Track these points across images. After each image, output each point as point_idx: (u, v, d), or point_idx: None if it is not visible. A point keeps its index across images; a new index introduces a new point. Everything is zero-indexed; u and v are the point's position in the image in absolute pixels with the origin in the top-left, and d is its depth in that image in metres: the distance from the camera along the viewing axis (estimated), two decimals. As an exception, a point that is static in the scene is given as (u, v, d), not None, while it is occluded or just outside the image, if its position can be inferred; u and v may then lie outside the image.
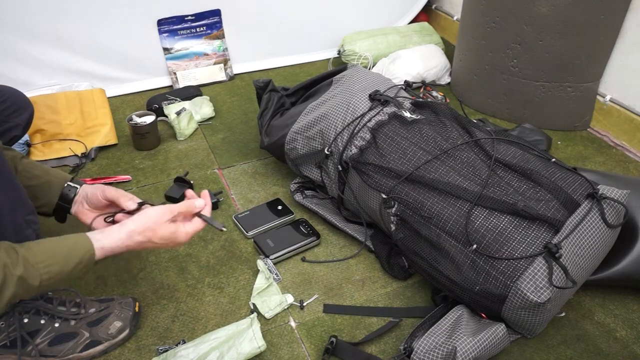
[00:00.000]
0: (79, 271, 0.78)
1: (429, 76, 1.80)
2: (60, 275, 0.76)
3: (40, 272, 0.73)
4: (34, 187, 0.94)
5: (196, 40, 1.87)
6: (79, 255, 0.78)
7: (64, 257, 0.77)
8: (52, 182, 0.96)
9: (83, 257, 0.78)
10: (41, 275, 0.74)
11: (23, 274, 0.71)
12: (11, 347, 0.87)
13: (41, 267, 0.74)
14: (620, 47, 1.52)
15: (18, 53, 1.64)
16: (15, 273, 0.71)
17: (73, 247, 0.79)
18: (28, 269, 0.72)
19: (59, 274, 0.76)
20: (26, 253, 0.73)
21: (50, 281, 0.75)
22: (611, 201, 0.93)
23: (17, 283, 0.71)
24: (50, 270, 0.74)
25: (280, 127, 1.28)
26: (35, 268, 0.73)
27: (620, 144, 1.57)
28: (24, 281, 0.72)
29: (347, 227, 1.21)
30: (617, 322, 1.02)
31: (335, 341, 0.94)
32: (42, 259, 0.74)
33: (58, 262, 0.76)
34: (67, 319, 0.92)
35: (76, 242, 0.80)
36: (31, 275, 0.73)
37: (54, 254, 0.76)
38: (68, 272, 0.77)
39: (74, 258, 0.77)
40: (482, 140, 1.06)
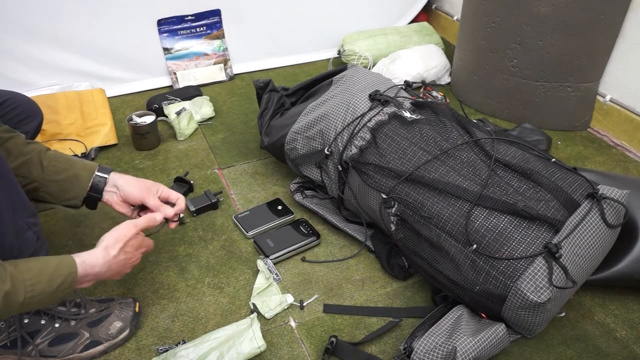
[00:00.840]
0: (61, 292, 0.78)
1: (429, 76, 1.80)
2: (43, 294, 0.76)
3: (25, 289, 0.74)
4: (62, 181, 0.95)
5: (196, 40, 1.87)
6: (63, 275, 0.79)
7: (49, 276, 0.77)
8: (79, 175, 0.96)
9: (67, 278, 0.79)
10: (26, 292, 0.74)
11: (9, 290, 0.72)
12: (11, 347, 0.87)
13: (27, 284, 0.74)
14: (620, 47, 1.52)
15: (18, 53, 1.64)
16: (3, 289, 0.71)
17: (59, 265, 0.79)
18: (15, 285, 0.72)
19: (42, 292, 0.76)
20: (14, 270, 0.74)
21: (33, 300, 0.75)
22: (611, 201, 0.93)
23: (3, 299, 0.71)
24: (34, 289, 0.75)
25: (280, 127, 1.28)
26: (21, 285, 0.73)
27: (620, 144, 1.57)
28: (9, 297, 0.72)
29: (347, 227, 1.21)
30: (617, 322, 1.02)
31: (335, 341, 0.94)
32: (29, 276, 0.75)
33: (43, 280, 0.76)
34: (67, 319, 0.92)
35: (62, 261, 0.80)
36: (17, 292, 0.73)
37: (41, 272, 0.76)
38: (51, 292, 0.77)
39: (59, 278, 0.78)
40: (482, 140, 1.06)
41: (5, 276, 0.72)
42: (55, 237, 1.20)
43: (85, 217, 1.26)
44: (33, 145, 0.94)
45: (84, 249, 1.15)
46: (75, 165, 0.97)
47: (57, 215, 1.27)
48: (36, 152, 0.93)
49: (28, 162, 0.92)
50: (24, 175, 0.91)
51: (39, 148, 0.95)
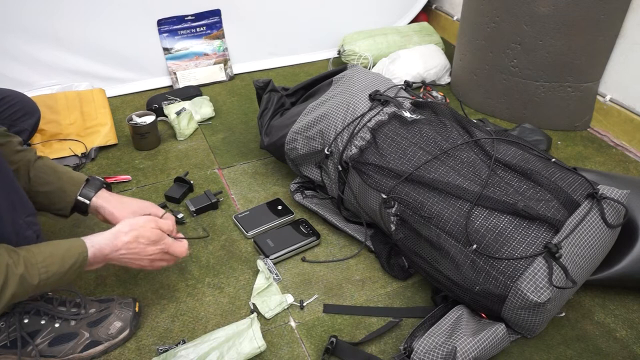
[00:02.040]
0: (73, 272, 0.81)
1: (429, 76, 1.80)
2: (57, 275, 0.79)
3: (39, 271, 0.76)
4: (48, 193, 0.96)
5: (196, 40, 1.87)
6: (75, 255, 0.81)
7: (61, 257, 0.80)
8: (65, 189, 0.97)
9: (78, 257, 0.82)
10: (40, 274, 0.77)
11: (24, 273, 0.74)
12: (11, 348, 0.87)
13: (40, 266, 0.77)
14: (620, 47, 1.52)
15: (18, 53, 1.64)
16: (17, 272, 0.74)
17: (69, 248, 0.82)
18: (28, 268, 0.75)
19: (56, 273, 0.79)
20: (26, 254, 0.76)
21: (48, 281, 0.78)
22: (611, 201, 0.93)
23: (18, 282, 0.74)
24: (48, 270, 0.78)
25: (280, 127, 1.28)
26: (35, 267, 0.76)
27: (620, 144, 1.57)
28: (24, 280, 0.74)
29: (347, 227, 1.21)
30: (617, 322, 1.02)
31: (335, 341, 0.94)
32: (42, 259, 0.77)
33: (56, 262, 0.79)
34: (67, 319, 0.92)
35: (72, 243, 0.83)
36: (31, 274, 0.75)
37: (52, 254, 0.79)
38: (64, 272, 0.80)
39: (71, 258, 0.81)
40: (482, 140, 1.06)
41: (18, 260, 0.75)
42: (55, 237, 1.18)
43: (86, 217, 1.25)
44: (22, 154, 0.94)
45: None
46: (61, 179, 0.97)
47: (57, 215, 1.27)
48: (24, 161, 0.94)
49: (16, 172, 0.92)
50: None
51: (28, 157, 0.95)
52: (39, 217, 1.24)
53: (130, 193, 1.34)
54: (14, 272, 0.73)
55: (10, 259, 0.74)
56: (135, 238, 0.88)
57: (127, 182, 1.39)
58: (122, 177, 1.39)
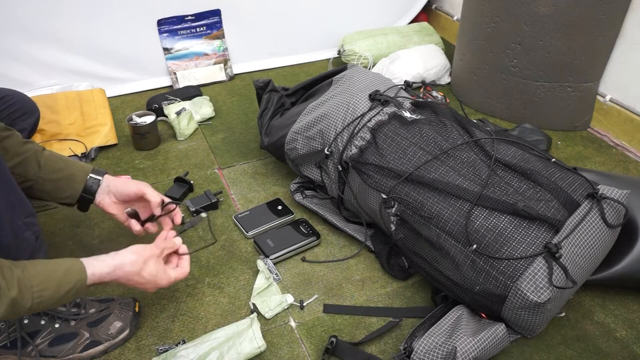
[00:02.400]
0: (68, 297, 0.78)
1: (429, 76, 1.80)
2: (51, 299, 0.75)
3: (32, 295, 0.73)
4: (57, 180, 0.95)
5: (196, 40, 1.87)
6: (72, 281, 0.78)
7: (58, 282, 0.76)
8: (74, 175, 0.97)
9: (76, 284, 0.78)
10: (33, 298, 0.73)
11: (16, 297, 0.71)
12: (11, 348, 0.87)
13: (35, 290, 0.73)
14: (620, 47, 1.52)
15: (18, 53, 1.64)
16: (10, 295, 0.70)
17: (67, 271, 0.78)
18: (22, 291, 0.72)
19: (50, 298, 0.75)
20: (21, 275, 0.73)
21: (40, 305, 0.74)
22: (611, 201, 0.93)
23: (9, 304, 0.70)
24: (42, 295, 0.74)
25: (280, 127, 1.28)
26: (29, 291, 0.73)
27: (620, 144, 1.57)
28: (15, 303, 0.71)
29: (347, 227, 1.21)
30: (617, 322, 1.02)
31: (335, 341, 0.94)
32: (37, 282, 0.74)
33: (51, 287, 0.75)
34: (67, 320, 0.92)
35: (70, 267, 0.79)
36: (23, 298, 0.72)
37: (49, 278, 0.76)
38: (60, 297, 0.76)
39: (68, 284, 0.77)
40: (482, 140, 1.06)
41: (12, 282, 0.71)
42: (55, 237, 1.20)
43: (85, 217, 1.26)
44: (29, 145, 0.95)
45: (84, 249, 1.16)
46: (71, 166, 0.98)
47: (57, 215, 1.27)
48: (32, 151, 0.94)
49: (25, 161, 0.92)
50: (21, 173, 0.92)
51: (35, 147, 0.95)
52: (42, 216, 1.24)
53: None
54: (6, 294, 0.70)
55: (4, 280, 0.70)
56: (138, 272, 0.86)
57: (127, 182, 1.38)
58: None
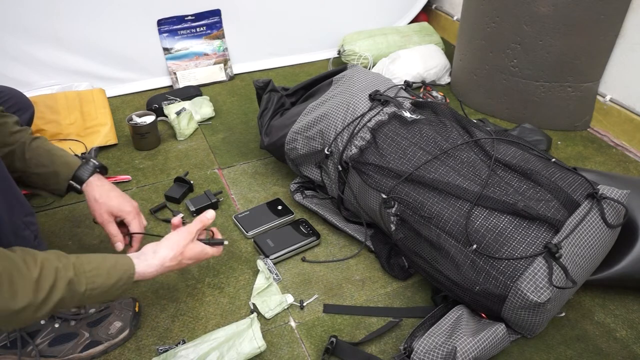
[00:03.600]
0: (117, 289, 0.80)
1: (429, 76, 1.80)
2: (102, 287, 0.78)
3: (87, 280, 0.76)
4: (42, 175, 0.96)
5: (196, 40, 1.87)
6: (120, 272, 0.81)
7: (107, 271, 0.79)
8: (59, 172, 0.97)
9: (123, 275, 0.81)
10: (87, 283, 0.76)
11: (73, 278, 0.74)
12: (11, 348, 0.87)
13: (88, 275, 0.76)
14: (620, 47, 1.52)
15: (18, 53, 1.64)
16: (66, 276, 0.73)
17: (116, 263, 0.81)
18: (77, 274, 0.75)
19: (101, 286, 0.77)
20: (76, 261, 0.76)
21: (93, 292, 0.77)
22: (611, 201, 0.93)
23: (67, 286, 0.73)
24: (95, 281, 0.77)
25: (280, 127, 1.28)
26: (83, 275, 0.75)
27: (620, 144, 1.57)
28: (72, 285, 0.73)
29: (347, 227, 1.21)
30: (617, 322, 1.02)
31: (335, 341, 0.94)
32: (90, 268, 0.77)
33: (102, 274, 0.78)
34: (67, 320, 0.92)
35: (119, 260, 0.83)
36: (79, 282, 0.75)
37: (100, 265, 0.79)
38: (109, 287, 0.79)
39: (116, 274, 0.80)
40: (482, 140, 1.06)
41: (68, 264, 0.74)
42: (55, 237, 1.20)
43: (85, 217, 1.26)
44: (18, 135, 0.94)
45: (84, 249, 1.16)
46: (55, 162, 0.97)
47: (57, 215, 1.27)
48: (20, 143, 0.94)
49: (11, 153, 0.93)
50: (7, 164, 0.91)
51: (23, 139, 0.95)
52: (42, 216, 1.24)
53: (130, 193, 1.34)
54: (63, 275, 0.72)
55: (60, 263, 0.73)
56: (179, 262, 0.90)
57: (127, 182, 1.38)
58: (122, 177, 1.39)
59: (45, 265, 0.71)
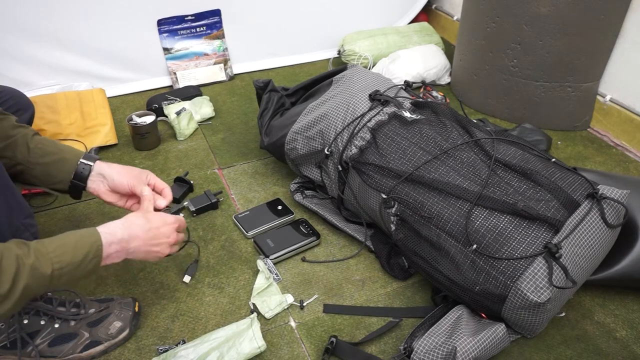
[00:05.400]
0: (89, 263, 0.78)
1: (429, 76, 1.80)
2: (71, 265, 0.76)
3: (51, 260, 0.74)
4: (47, 165, 0.94)
5: (196, 40, 1.87)
6: (87, 243, 0.79)
7: (73, 246, 0.77)
8: (65, 159, 0.96)
9: (92, 246, 0.79)
10: (52, 264, 0.74)
11: (34, 263, 0.72)
12: (11, 348, 0.87)
13: (52, 256, 0.75)
14: (620, 47, 1.51)
15: (18, 53, 1.64)
16: (27, 262, 0.72)
17: (81, 236, 0.80)
18: (39, 258, 0.73)
19: (69, 263, 0.76)
20: (36, 245, 0.75)
21: (63, 271, 0.75)
22: (611, 201, 0.93)
23: (30, 273, 0.72)
24: (61, 260, 0.75)
25: (280, 127, 1.28)
26: (46, 257, 0.74)
27: (620, 144, 1.57)
28: (36, 270, 0.73)
29: (347, 227, 1.21)
30: (617, 322, 1.02)
31: (335, 341, 0.94)
32: (52, 248, 0.75)
33: (68, 251, 0.76)
34: (67, 320, 0.92)
35: (84, 232, 0.81)
36: (43, 265, 0.73)
37: (64, 243, 0.77)
38: (79, 263, 0.77)
39: (83, 247, 0.78)
40: (482, 140, 1.06)
41: (28, 251, 0.73)
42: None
43: (85, 217, 1.26)
44: (20, 129, 0.94)
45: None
46: (62, 150, 0.96)
47: (57, 215, 1.27)
48: (22, 134, 0.93)
49: (13, 144, 0.92)
50: (9, 156, 0.91)
51: (25, 131, 0.94)
52: (42, 217, 1.24)
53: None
54: (24, 262, 0.71)
55: (20, 250, 0.72)
56: (147, 220, 0.88)
57: (127, 182, 1.38)
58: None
59: (5, 255, 0.70)
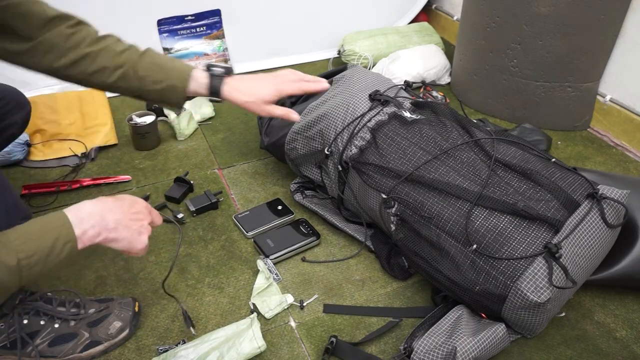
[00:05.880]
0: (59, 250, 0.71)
1: (429, 76, 1.80)
2: (39, 253, 0.70)
3: (15, 250, 0.68)
4: (160, 91, 0.94)
5: (196, 40, 1.87)
6: (54, 227, 0.72)
7: (38, 232, 0.71)
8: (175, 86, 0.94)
9: (60, 229, 0.72)
10: (17, 253, 0.68)
11: None
12: (11, 348, 0.87)
13: (15, 244, 0.68)
14: (620, 47, 1.52)
15: (18, 53, 1.64)
16: None
17: (48, 221, 0.73)
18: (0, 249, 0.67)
19: (37, 251, 0.69)
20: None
21: (31, 260, 0.69)
22: (611, 201, 0.93)
23: None
24: (25, 248, 0.69)
25: (280, 127, 1.28)
26: (8, 247, 0.68)
27: (620, 144, 1.57)
28: None
29: (347, 227, 1.21)
30: (617, 322, 1.02)
31: (335, 341, 0.94)
32: (15, 237, 0.69)
33: (32, 238, 0.70)
34: (66, 320, 0.92)
35: (50, 216, 0.74)
36: (5, 255, 0.67)
37: (27, 231, 0.71)
38: (49, 250, 0.70)
39: (51, 232, 0.71)
40: (482, 140, 1.06)
41: None
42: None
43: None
44: (126, 54, 0.93)
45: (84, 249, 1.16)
46: (170, 76, 0.94)
47: (57, 215, 1.27)
48: (131, 63, 0.92)
49: (125, 75, 0.91)
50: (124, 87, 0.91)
51: (131, 56, 0.93)
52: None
53: (130, 193, 1.34)
54: None
55: None
56: (115, 198, 0.81)
57: (127, 182, 1.38)
58: (122, 177, 1.39)
59: None
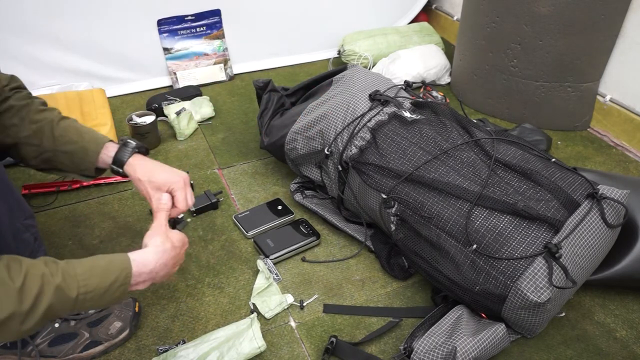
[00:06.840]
0: (115, 290, 0.76)
1: (429, 76, 1.80)
2: (97, 290, 0.73)
3: (78, 284, 0.72)
4: (72, 153, 0.92)
5: (196, 40, 1.87)
6: (116, 270, 0.76)
7: (101, 271, 0.75)
8: (87, 149, 0.93)
9: (120, 273, 0.76)
10: (79, 287, 0.71)
11: (61, 284, 0.70)
12: (11, 348, 0.88)
13: (80, 279, 0.72)
14: (620, 47, 1.51)
15: (18, 53, 1.64)
16: (54, 282, 0.69)
17: (111, 262, 0.77)
18: (66, 279, 0.71)
19: (95, 288, 0.73)
20: (65, 265, 0.72)
21: (87, 296, 0.72)
22: (611, 201, 0.93)
23: (55, 293, 0.69)
24: (87, 284, 0.72)
25: (280, 127, 1.28)
26: (73, 279, 0.71)
27: (620, 144, 1.57)
28: (61, 292, 0.70)
29: (347, 227, 1.21)
30: (617, 322, 1.02)
31: (335, 341, 0.94)
32: (81, 271, 0.73)
33: (96, 275, 0.74)
34: (67, 320, 0.92)
35: (114, 258, 0.78)
36: (69, 286, 0.71)
37: (93, 267, 0.74)
38: (105, 289, 0.74)
39: (112, 274, 0.75)
40: (482, 140, 1.06)
41: (56, 270, 0.70)
42: (55, 237, 1.20)
43: (85, 217, 1.26)
44: (45, 114, 0.92)
45: (84, 249, 1.16)
46: (83, 138, 0.93)
47: (57, 215, 1.27)
48: (48, 120, 0.91)
49: (40, 130, 0.90)
50: (36, 144, 0.90)
51: (51, 117, 0.92)
52: (42, 217, 1.24)
53: (130, 193, 1.34)
54: (49, 281, 0.68)
55: (47, 269, 0.69)
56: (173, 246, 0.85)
57: (127, 182, 1.38)
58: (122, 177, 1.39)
59: (31, 272, 0.68)
